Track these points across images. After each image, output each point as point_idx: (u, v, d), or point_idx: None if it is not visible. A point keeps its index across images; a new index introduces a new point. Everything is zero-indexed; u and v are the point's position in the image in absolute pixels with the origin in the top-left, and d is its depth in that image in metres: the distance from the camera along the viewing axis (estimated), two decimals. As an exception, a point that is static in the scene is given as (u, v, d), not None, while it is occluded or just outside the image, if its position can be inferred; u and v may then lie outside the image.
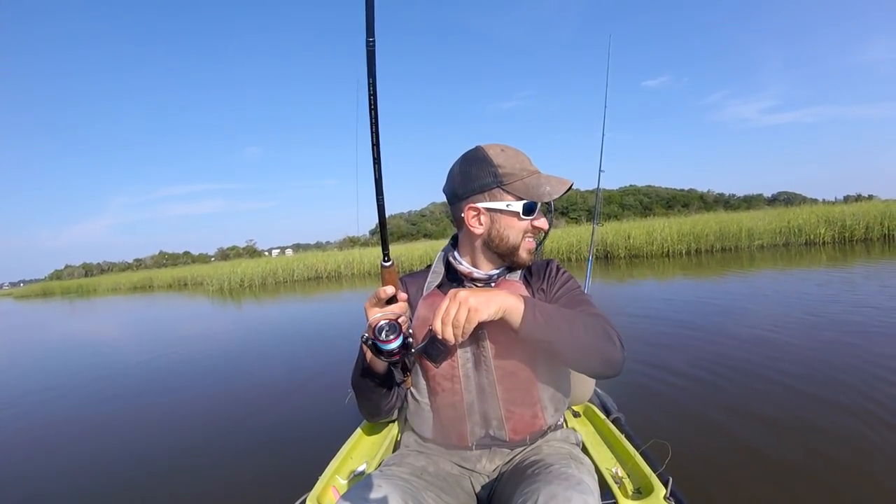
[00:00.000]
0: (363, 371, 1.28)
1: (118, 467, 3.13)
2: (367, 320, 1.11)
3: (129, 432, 3.77)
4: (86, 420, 4.21)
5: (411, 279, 1.46)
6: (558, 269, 1.44)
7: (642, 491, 1.37)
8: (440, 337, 1.09)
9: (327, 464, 1.64)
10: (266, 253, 65.37)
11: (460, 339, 1.09)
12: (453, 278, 1.41)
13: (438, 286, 1.41)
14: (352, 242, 55.11)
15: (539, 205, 1.29)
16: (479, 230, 1.30)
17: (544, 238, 1.39)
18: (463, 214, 1.31)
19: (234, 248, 67.09)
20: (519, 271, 1.41)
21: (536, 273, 1.43)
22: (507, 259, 1.35)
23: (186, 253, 74.93)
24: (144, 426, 3.90)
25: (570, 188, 1.30)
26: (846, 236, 15.91)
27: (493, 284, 1.37)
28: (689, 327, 5.48)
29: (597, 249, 17.99)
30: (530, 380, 1.32)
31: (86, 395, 5.10)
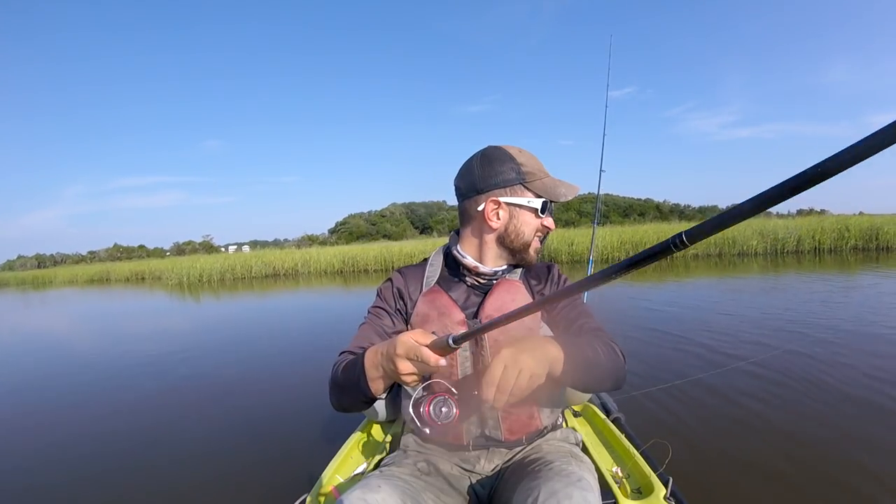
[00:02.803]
0: (359, 388, 1.15)
1: (114, 464, 3.03)
2: (399, 372, 1.01)
3: (122, 429, 3.64)
4: (80, 416, 4.05)
5: (409, 272, 1.46)
6: (559, 274, 1.46)
7: (642, 491, 1.39)
8: (492, 405, 0.99)
9: (327, 463, 1.62)
10: (223, 249, 63.76)
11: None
12: (454, 274, 1.41)
13: (437, 281, 1.41)
14: (310, 241, 54.47)
15: (551, 205, 1.34)
16: (496, 224, 1.32)
17: (544, 238, 1.41)
18: (481, 207, 1.31)
19: (189, 243, 65.34)
20: (519, 271, 1.42)
21: (537, 276, 1.44)
22: (517, 256, 1.36)
23: (141, 247, 72.53)
24: (138, 423, 3.77)
25: (578, 191, 1.36)
26: (778, 248, 16.63)
27: (495, 281, 1.37)
28: (686, 330, 5.54)
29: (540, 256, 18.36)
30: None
31: (82, 390, 4.91)
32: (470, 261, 1.37)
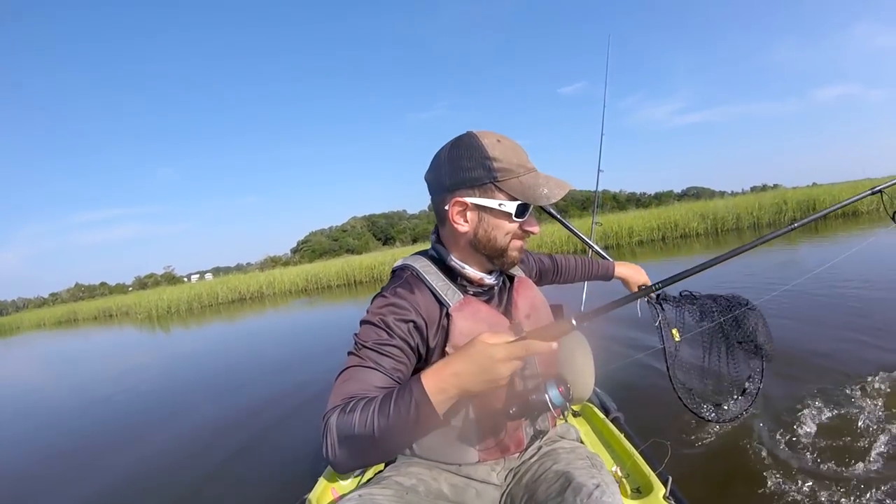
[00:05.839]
0: (420, 424, 0.92)
1: (116, 472, 3.11)
2: (501, 380, 0.91)
3: (130, 437, 3.78)
4: (88, 436, 4.15)
5: (410, 294, 1.13)
6: (529, 253, 1.53)
7: (642, 490, 1.38)
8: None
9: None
10: (185, 279, 62.35)
11: None
12: (454, 283, 1.19)
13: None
14: (273, 262, 53.75)
15: (532, 207, 1.13)
16: (463, 228, 1.12)
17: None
18: (447, 208, 1.12)
19: (151, 275, 63.44)
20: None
21: (523, 264, 1.46)
22: (495, 262, 1.17)
23: (103, 284, 70.23)
24: (146, 432, 3.87)
25: (568, 192, 1.12)
26: (718, 227, 17.14)
27: (497, 287, 1.26)
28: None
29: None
30: (553, 363, 1.29)
31: (86, 419, 4.93)
32: (473, 273, 1.18)
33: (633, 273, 1.98)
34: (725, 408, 1.69)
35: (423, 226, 73.27)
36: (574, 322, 0.89)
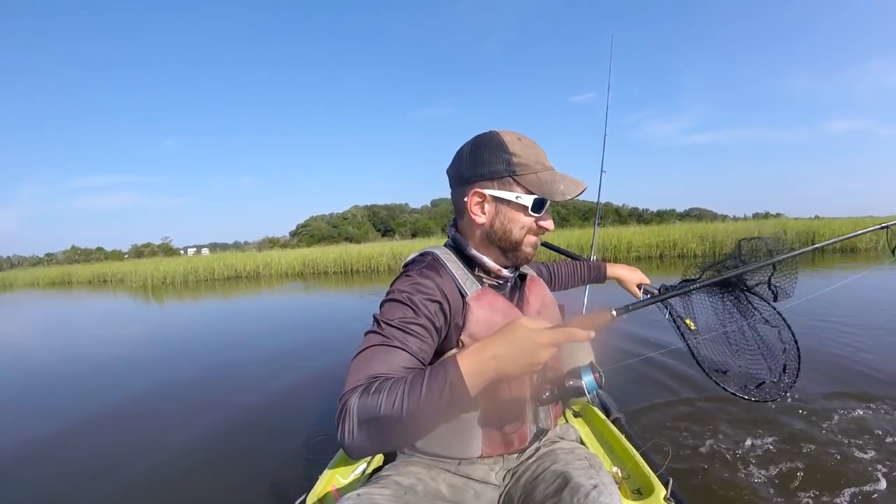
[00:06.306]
0: (453, 404, 0.90)
1: (113, 467, 2.93)
2: (538, 364, 0.91)
3: (122, 432, 3.55)
4: (81, 418, 3.88)
5: (437, 276, 1.15)
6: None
7: (642, 491, 1.37)
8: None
9: (327, 463, 1.59)
10: (182, 252, 61.92)
11: None
12: (468, 269, 1.23)
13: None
14: (271, 243, 53.61)
15: (548, 203, 1.16)
16: (481, 219, 1.16)
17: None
18: (466, 199, 1.16)
19: (148, 245, 62.90)
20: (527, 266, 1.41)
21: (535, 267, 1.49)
22: (509, 256, 1.21)
23: (100, 249, 69.47)
24: (139, 423, 3.70)
25: (583, 190, 1.16)
26: (716, 250, 17.15)
27: (511, 282, 1.31)
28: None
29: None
30: (558, 356, 1.30)
31: (78, 390, 4.80)
32: (491, 264, 1.21)
33: (628, 273, 2.03)
34: (767, 385, 1.69)
35: (423, 221, 72.90)
36: (614, 313, 0.94)
